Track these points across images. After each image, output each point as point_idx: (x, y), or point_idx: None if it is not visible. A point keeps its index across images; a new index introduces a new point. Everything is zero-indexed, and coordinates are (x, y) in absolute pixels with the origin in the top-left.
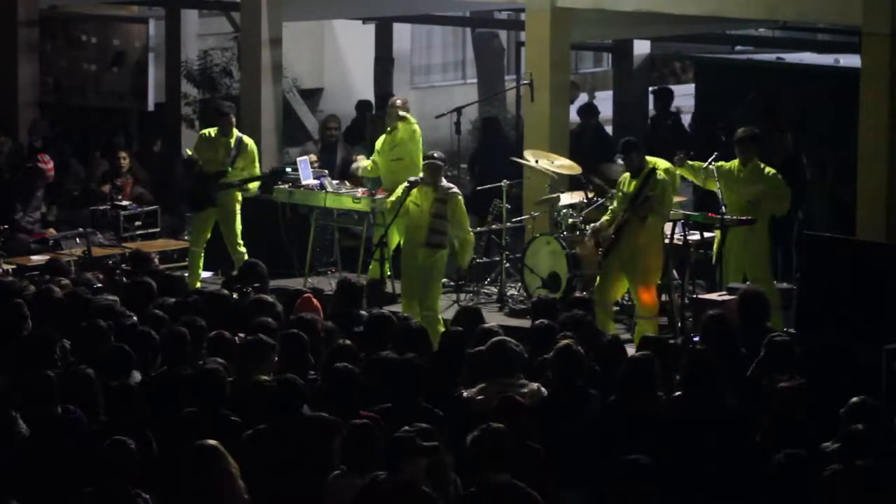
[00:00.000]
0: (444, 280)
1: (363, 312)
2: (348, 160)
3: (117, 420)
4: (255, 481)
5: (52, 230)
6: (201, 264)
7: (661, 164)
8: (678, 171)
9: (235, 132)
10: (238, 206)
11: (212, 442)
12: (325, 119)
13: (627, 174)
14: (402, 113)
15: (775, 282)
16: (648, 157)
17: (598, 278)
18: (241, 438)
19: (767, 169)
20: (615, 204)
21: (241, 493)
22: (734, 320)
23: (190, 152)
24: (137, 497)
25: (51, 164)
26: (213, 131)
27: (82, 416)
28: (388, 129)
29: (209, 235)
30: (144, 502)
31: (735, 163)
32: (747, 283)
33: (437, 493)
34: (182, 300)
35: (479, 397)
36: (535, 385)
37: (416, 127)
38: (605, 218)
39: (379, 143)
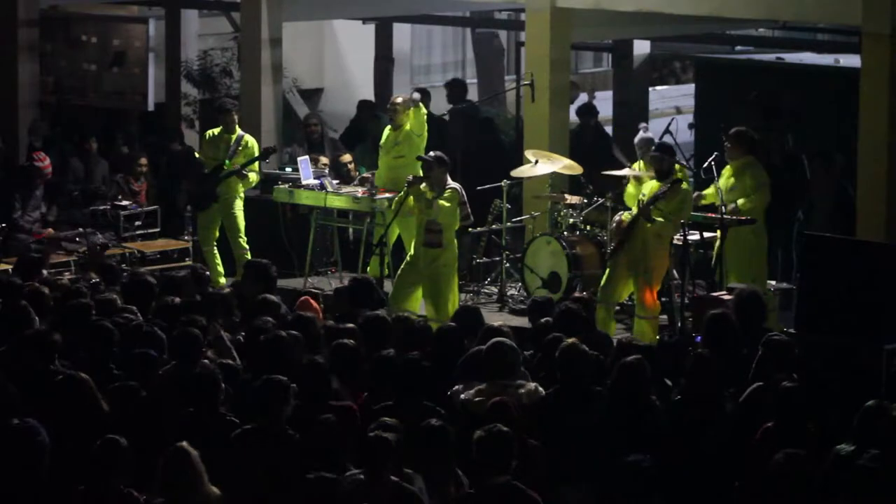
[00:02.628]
0: None
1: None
2: (335, 159)
3: (121, 419)
4: (244, 481)
5: (51, 230)
6: (219, 261)
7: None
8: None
9: (238, 130)
10: (240, 202)
11: (184, 444)
12: (304, 118)
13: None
14: (405, 109)
15: (774, 282)
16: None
17: (604, 276)
18: (231, 437)
19: (754, 166)
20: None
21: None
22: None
23: (198, 155)
24: (130, 495)
25: (47, 162)
26: (216, 131)
27: (37, 426)
28: (394, 126)
29: (217, 233)
30: (137, 501)
31: (726, 168)
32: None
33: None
34: (186, 300)
35: (478, 399)
36: (532, 385)
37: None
38: (626, 215)
39: (382, 139)
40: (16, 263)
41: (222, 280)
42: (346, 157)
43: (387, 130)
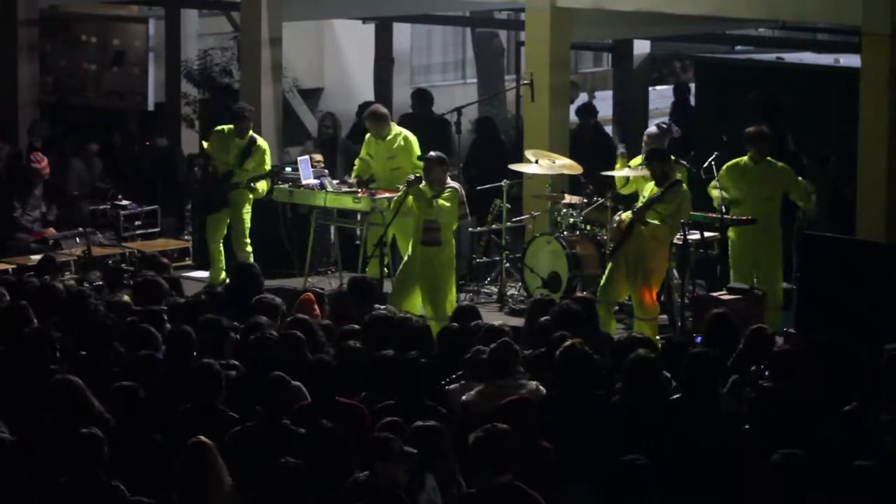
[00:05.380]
0: None
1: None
2: (350, 159)
3: (120, 420)
4: (245, 480)
5: (52, 230)
6: (223, 259)
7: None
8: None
9: (250, 133)
10: (248, 206)
11: (203, 439)
12: (321, 117)
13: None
14: (385, 117)
15: None
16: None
17: (604, 276)
18: (231, 435)
19: (780, 164)
20: (637, 206)
21: (230, 491)
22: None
23: (206, 145)
24: (107, 483)
25: (45, 162)
26: (226, 129)
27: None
28: (377, 136)
29: (226, 231)
30: (116, 489)
31: (744, 160)
32: (754, 282)
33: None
34: (194, 299)
35: (478, 399)
36: (533, 384)
37: (408, 135)
38: (626, 214)
39: (370, 147)
40: (38, 263)
41: (223, 276)
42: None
43: (372, 141)
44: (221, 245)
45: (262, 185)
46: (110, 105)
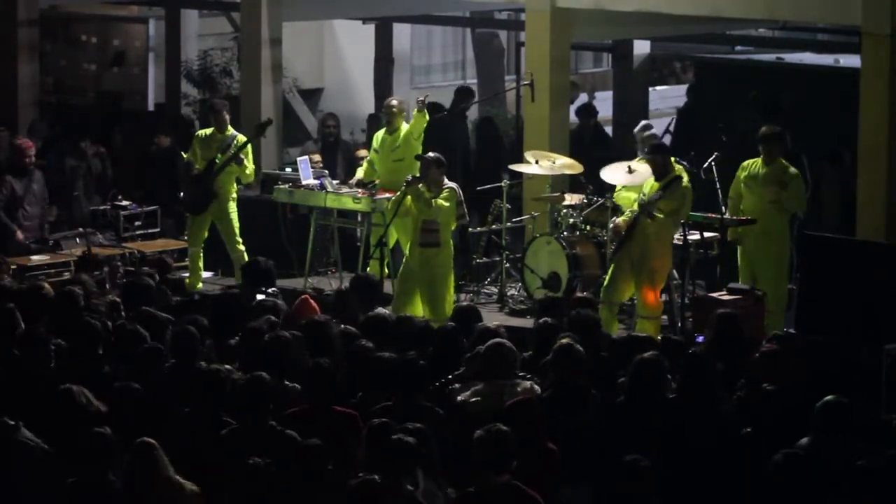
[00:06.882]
0: None
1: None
2: (351, 159)
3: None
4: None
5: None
6: (202, 264)
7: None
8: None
9: (230, 129)
10: (233, 204)
11: (148, 439)
12: (323, 118)
13: (651, 178)
14: (401, 112)
15: None
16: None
17: (607, 277)
18: (221, 437)
19: (791, 169)
20: (636, 205)
21: (178, 490)
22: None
23: (185, 155)
24: (118, 483)
25: (30, 143)
26: (208, 131)
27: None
28: (389, 129)
29: (206, 234)
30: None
31: (758, 162)
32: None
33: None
34: (188, 299)
35: (474, 399)
36: (528, 383)
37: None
38: (623, 218)
39: (377, 142)
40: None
41: (200, 285)
42: (362, 152)
43: (381, 133)
44: (201, 250)
45: (249, 166)
46: (110, 105)
